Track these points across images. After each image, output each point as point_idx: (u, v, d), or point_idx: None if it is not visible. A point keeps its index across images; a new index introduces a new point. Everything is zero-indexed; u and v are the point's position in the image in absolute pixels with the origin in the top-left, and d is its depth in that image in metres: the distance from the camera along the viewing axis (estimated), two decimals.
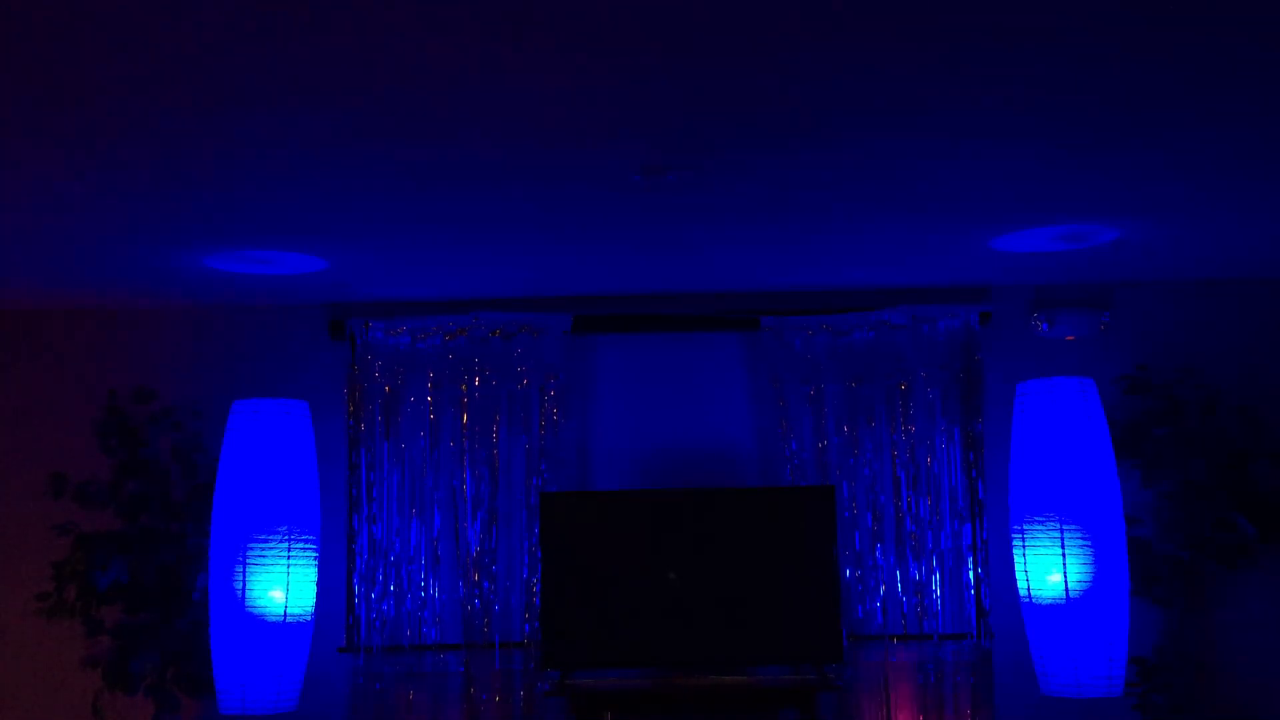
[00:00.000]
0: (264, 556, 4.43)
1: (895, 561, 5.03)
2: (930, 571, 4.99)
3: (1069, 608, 4.40)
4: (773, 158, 3.53)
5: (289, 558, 4.46)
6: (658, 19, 2.58)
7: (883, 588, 5.01)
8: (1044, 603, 4.45)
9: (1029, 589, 4.50)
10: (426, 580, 5.04)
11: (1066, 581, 4.40)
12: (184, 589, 4.80)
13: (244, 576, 4.41)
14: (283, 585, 4.44)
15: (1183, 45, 2.79)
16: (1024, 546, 4.50)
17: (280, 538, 4.45)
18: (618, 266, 4.80)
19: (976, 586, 4.99)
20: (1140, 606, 4.82)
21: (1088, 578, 4.39)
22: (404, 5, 2.50)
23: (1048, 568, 4.43)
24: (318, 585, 4.59)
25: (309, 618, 4.54)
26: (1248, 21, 2.68)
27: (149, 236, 4.23)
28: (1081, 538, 4.40)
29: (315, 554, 4.55)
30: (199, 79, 2.87)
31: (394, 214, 4.03)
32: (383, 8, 2.52)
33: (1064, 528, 4.41)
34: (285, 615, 4.44)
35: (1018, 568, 4.56)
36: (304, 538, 4.50)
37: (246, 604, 4.41)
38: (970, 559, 5.00)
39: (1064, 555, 4.40)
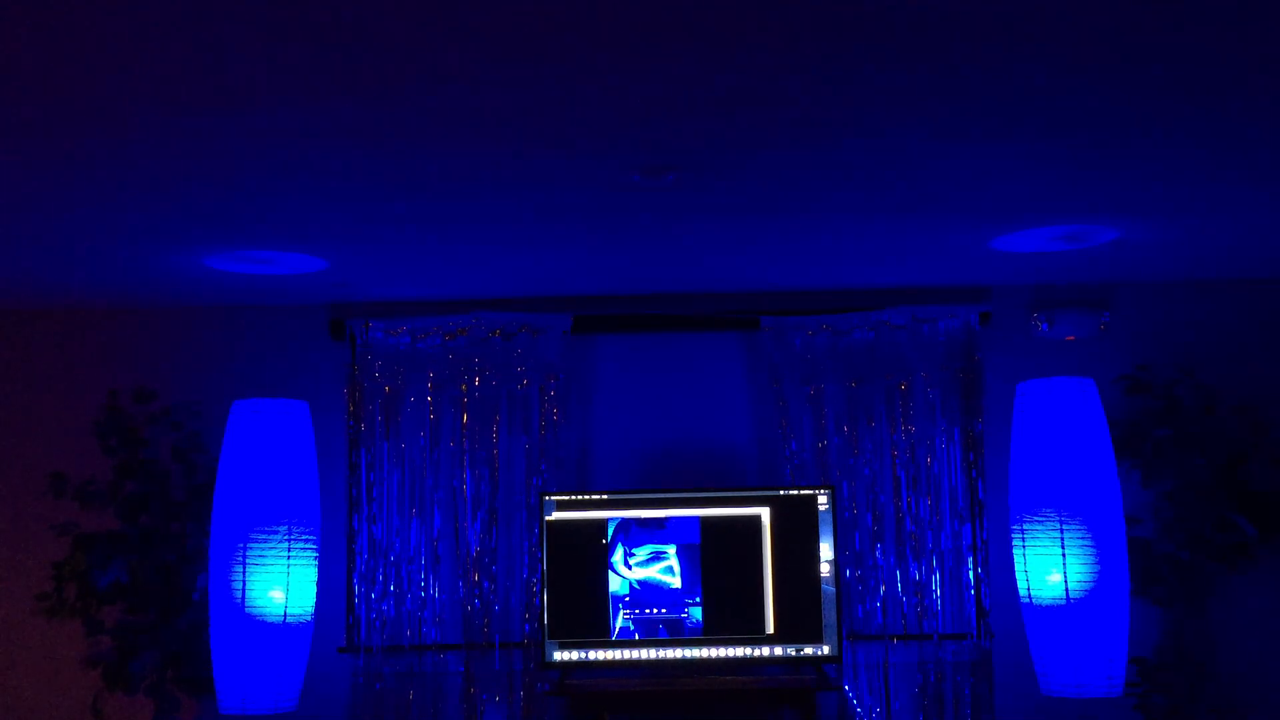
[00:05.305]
0: (264, 556, 4.42)
1: (895, 561, 5.03)
2: (930, 571, 5.00)
3: (1069, 608, 4.40)
4: (772, 157, 3.53)
5: (289, 558, 4.46)
6: (657, 18, 2.58)
7: (883, 588, 5.01)
8: (1044, 603, 4.45)
9: (1029, 589, 4.50)
10: (426, 580, 5.04)
11: (1066, 581, 4.40)
12: (184, 589, 4.80)
13: (244, 576, 4.41)
14: (283, 585, 4.44)
15: (1182, 46, 2.79)
16: (1024, 546, 4.50)
17: (280, 538, 4.45)
18: (618, 266, 4.80)
19: (976, 586, 5.00)
20: (1140, 606, 4.82)
21: (1088, 578, 4.38)
22: (404, 7, 2.50)
23: (1048, 568, 4.43)
24: (318, 585, 4.59)
25: (309, 618, 4.54)
26: (1247, 22, 2.68)
27: (149, 236, 4.23)
28: (1081, 538, 4.40)
29: (315, 554, 4.55)
30: (199, 79, 2.87)
31: (394, 214, 4.03)
32: (383, 10, 2.52)
33: (1064, 528, 4.41)
34: (285, 615, 4.44)
35: (1018, 568, 4.55)
36: (304, 538, 4.50)
37: (246, 604, 4.40)
38: (970, 559, 5.01)
39: (1064, 555, 4.40)
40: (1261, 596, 5.01)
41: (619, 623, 4.75)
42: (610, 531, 4.79)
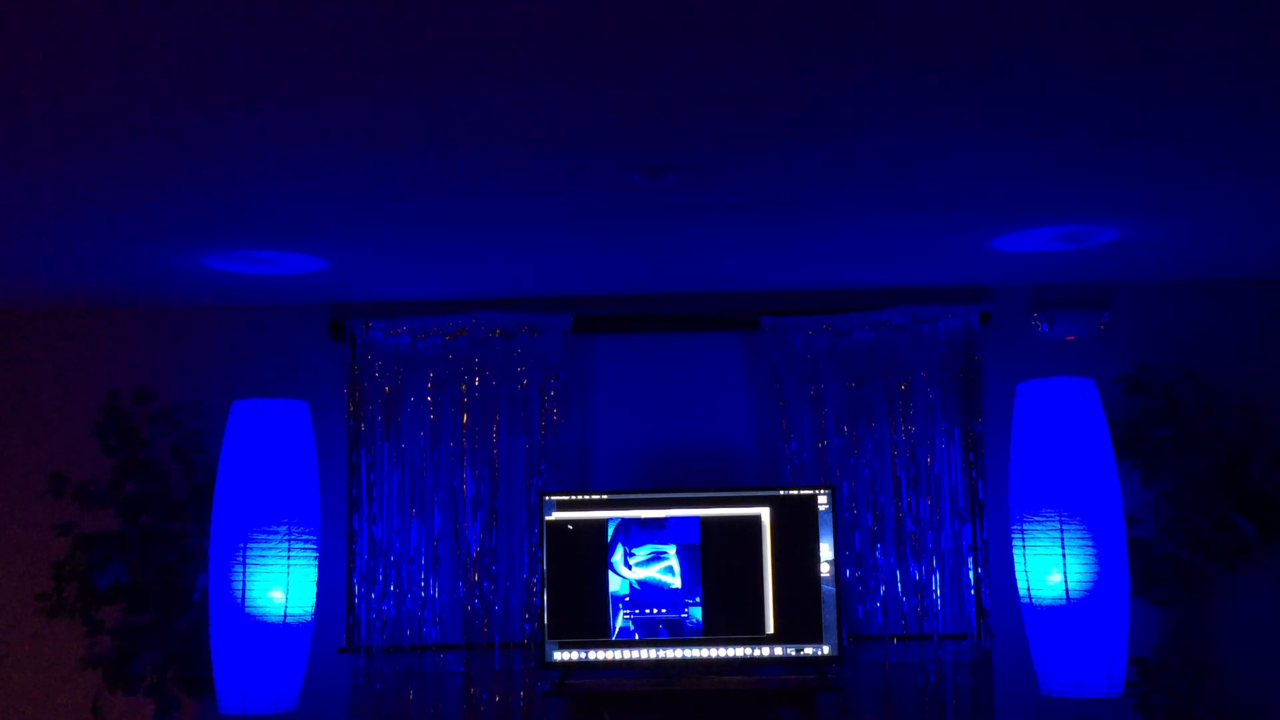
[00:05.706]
0: (264, 556, 4.42)
1: (895, 561, 5.03)
2: (930, 571, 5.00)
3: (1069, 608, 4.40)
4: (772, 157, 3.53)
5: (289, 558, 4.46)
6: (657, 18, 2.59)
7: (883, 588, 5.01)
8: (1044, 603, 4.45)
9: (1029, 589, 4.50)
10: (426, 580, 5.04)
11: (1066, 582, 4.40)
12: (184, 589, 4.80)
13: (244, 576, 4.41)
14: (283, 585, 4.44)
15: (1182, 46, 2.79)
16: (1024, 546, 4.50)
17: (280, 538, 4.45)
18: (618, 266, 4.80)
19: (976, 586, 5.00)
20: (1140, 606, 4.82)
21: (1088, 578, 4.38)
22: (405, 7, 2.50)
23: (1048, 568, 4.43)
24: (318, 585, 4.59)
25: (309, 618, 4.53)
26: (1247, 22, 2.68)
27: (149, 236, 4.23)
28: (1081, 538, 4.40)
29: (315, 554, 4.55)
30: (199, 79, 2.87)
31: (394, 214, 4.03)
32: (383, 10, 2.52)
33: (1064, 528, 4.41)
34: (285, 615, 4.44)
35: (1018, 568, 4.55)
36: (304, 538, 4.50)
37: (246, 604, 4.40)
38: (970, 559, 5.01)
39: (1064, 555, 4.40)
40: (1261, 596, 5.01)
41: (619, 623, 4.75)
42: (610, 531, 4.79)
